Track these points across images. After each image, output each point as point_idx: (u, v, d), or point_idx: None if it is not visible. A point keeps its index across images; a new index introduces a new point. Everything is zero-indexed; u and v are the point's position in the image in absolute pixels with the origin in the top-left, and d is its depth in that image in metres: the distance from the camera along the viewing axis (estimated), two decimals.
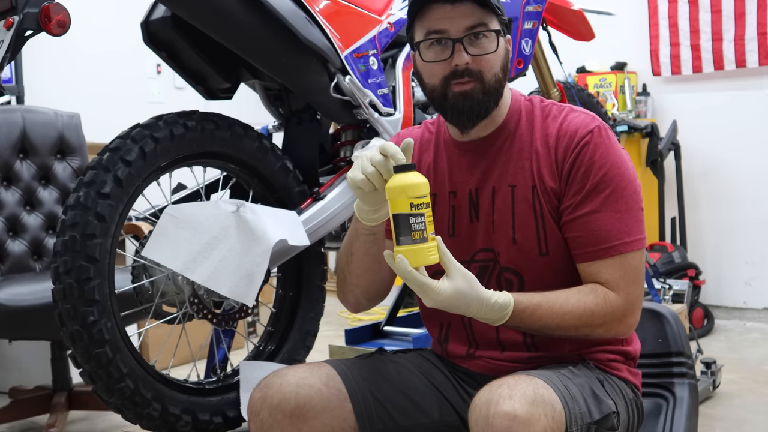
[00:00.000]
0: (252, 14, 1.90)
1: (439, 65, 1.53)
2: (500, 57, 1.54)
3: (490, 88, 1.52)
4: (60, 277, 1.70)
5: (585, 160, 1.51)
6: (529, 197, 1.54)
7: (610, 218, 1.49)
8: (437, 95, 1.56)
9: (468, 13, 1.50)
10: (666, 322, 1.85)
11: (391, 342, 2.61)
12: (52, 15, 1.79)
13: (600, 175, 1.50)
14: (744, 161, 4.41)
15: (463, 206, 1.60)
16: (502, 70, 1.54)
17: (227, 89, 2.19)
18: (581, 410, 1.41)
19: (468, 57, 1.50)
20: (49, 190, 3.08)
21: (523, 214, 1.54)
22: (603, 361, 1.58)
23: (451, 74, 1.52)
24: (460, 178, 1.61)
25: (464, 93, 1.51)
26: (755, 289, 4.43)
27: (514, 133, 1.58)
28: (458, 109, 1.53)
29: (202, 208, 1.87)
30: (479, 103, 1.52)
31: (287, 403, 1.48)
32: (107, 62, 4.41)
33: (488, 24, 1.52)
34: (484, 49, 1.51)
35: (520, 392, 1.33)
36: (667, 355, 1.83)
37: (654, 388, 1.80)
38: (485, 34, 1.51)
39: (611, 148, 1.53)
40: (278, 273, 2.15)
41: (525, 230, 1.54)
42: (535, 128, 1.57)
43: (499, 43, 1.53)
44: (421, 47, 1.55)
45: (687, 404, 1.76)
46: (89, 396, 2.78)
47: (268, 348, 2.12)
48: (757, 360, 3.64)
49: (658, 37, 4.59)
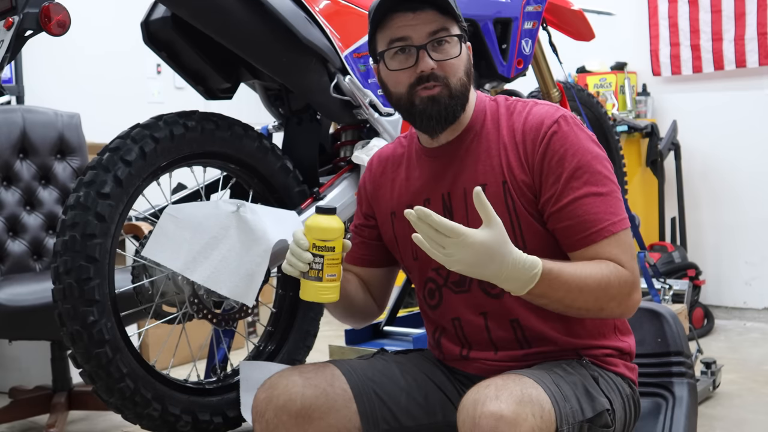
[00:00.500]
0: (252, 14, 1.90)
1: (405, 73, 1.54)
2: (463, 61, 1.56)
3: (456, 92, 1.54)
4: (60, 277, 1.71)
5: (556, 149, 1.51)
6: (500, 193, 1.54)
7: (594, 202, 1.48)
8: (404, 103, 1.57)
9: (430, 20, 1.52)
10: (665, 322, 1.85)
11: (391, 342, 2.61)
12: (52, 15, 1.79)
13: (575, 162, 1.50)
14: (744, 161, 4.41)
15: (438, 212, 1.55)
16: (466, 74, 1.56)
17: (227, 89, 2.19)
18: (573, 408, 1.40)
19: (433, 62, 1.52)
20: (49, 190, 3.08)
21: (497, 211, 1.52)
22: (598, 357, 1.58)
23: (416, 80, 1.53)
24: (432, 184, 1.62)
25: (431, 98, 1.53)
26: (755, 289, 4.43)
27: (480, 132, 1.59)
28: (427, 113, 1.54)
29: (202, 208, 1.87)
30: (446, 107, 1.54)
31: (293, 403, 1.48)
32: (107, 62, 4.41)
33: (450, 29, 1.54)
34: (447, 54, 1.53)
35: (507, 392, 1.33)
36: (666, 355, 1.83)
37: (653, 388, 1.80)
38: (447, 39, 1.53)
39: (580, 133, 1.53)
40: (278, 273, 2.15)
41: None
42: (501, 125, 1.58)
43: (461, 48, 1.55)
44: (385, 57, 1.56)
45: (686, 403, 1.77)
46: (89, 396, 2.78)
47: (268, 348, 2.12)
48: (757, 360, 3.63)
49: (658, 37, 4.58)
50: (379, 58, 1.58)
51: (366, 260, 1.77)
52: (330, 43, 2.05)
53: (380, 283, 1.78)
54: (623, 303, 1.49)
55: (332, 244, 1.48)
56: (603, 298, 1.46)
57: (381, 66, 1.59)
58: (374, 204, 1.74)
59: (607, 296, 1.46)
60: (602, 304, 1.47)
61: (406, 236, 1.64)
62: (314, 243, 1.49)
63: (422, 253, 1.60)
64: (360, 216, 1.78)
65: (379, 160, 1.76)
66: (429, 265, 1.62)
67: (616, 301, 1.47)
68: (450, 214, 1.59)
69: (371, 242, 1.76)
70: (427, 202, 1.62)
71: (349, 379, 1.54)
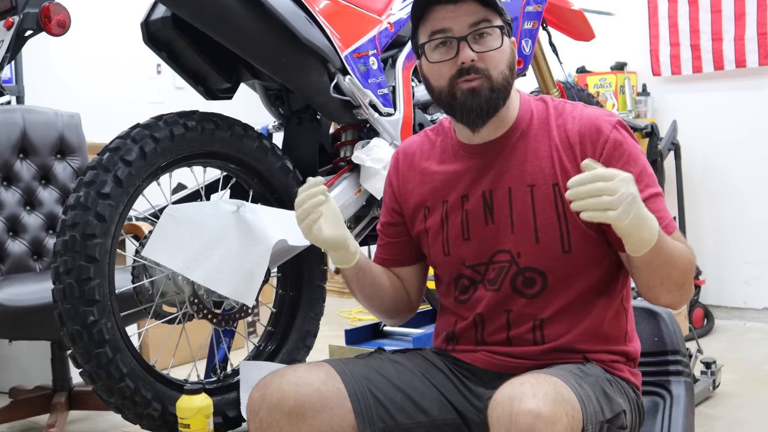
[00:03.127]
0: (252, 14, 1.90)
1: (446, 65, 1.53)
2: (506, 54, 1.54)
3: (498, 85, 1.52)
4: (60, 277, 1.71)
5: (620, 154, 1.51)
6: (550, 196, 1.53)
7: (658, 202, 1.50)
8: (445, 96, 1.55)
9: (471, 11, 1.51)
10: (662, 321, 1.86)
11: (391, 342, 2.62)
12: (52, 15, 1.79)
13: (638, 167, 1.50)
14: (744, 161, 4.41)
15: (477, 209, 1.59)
16: (508, 68, 1.54)
17: (227, 89, 2.19)
18: (595, 409, 1.41)
19: (473, 54, 1.50)
20: (49, 190, 3.07)
21: (545, 213, 1.54)
22: (605, 362, 1.58)
23: (457, 73, 1.52)
24: (472, 181, 1.60)
25: (472, 90, 1.51)
26: (755, 289, 4.43)
27: (527, 132, 1.58)
28: (467, 106, 1.52)
29: (202, 208, 1.87)
30: (488, 100, 1.52)
31: (286, 401, 1.48)
32: (107, 62, 4.41)
33: (492, 21, 1.52)
34: (488, 45, 1.52)
35: (543, 391, 1.32)
36: (663, 354, 1.84)
37: (651, 387, 1.80)
38: (489, 31, 1.52)
39: (632, 140, 1.54)
40: (278, 273, 2.15)
41: (547, 229, 1.54)
42: (551, 126, 1.57)
43: (503, 40, 1.53)
44: (426, 49, 1.55)
45: (684, 402, 1.78)
46: (89, 396, 2.77)
47: (268, 348, 2.12)
48: (757, 360, 3.63)
49: (658, 37, 4.58)
50: (420, 52, 1.57)
51: (395, 260, 1.75)
52: (330, 43, 2.05)
53: (414, 279, 1.76)
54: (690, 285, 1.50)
55: (187, 422, 1.58)
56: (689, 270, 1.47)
57: (423, 60, 1.57)
58: (401, 199, 1.71)
59: (690, 270, 1.47)
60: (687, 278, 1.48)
61: (438, 231, 1.64)
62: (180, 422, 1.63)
63: (454, 248, 1.63)
64: (385, 213, 1.76)
65: (405, 154, 1.73)
66: (463, 262, 1.62)
67: (689, 281, 1.49)
68: (491, 212, 1.58)
69: (398, 240, 1.74)
70: (464, 198, 1.61)
71: (343, 377, 1.54)
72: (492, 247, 1.58)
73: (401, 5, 2.33)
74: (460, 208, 1.61)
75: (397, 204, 1.73)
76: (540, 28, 2.69)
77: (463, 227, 1.61)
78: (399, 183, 1.72)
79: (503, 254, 1.57)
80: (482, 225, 1.59)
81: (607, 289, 1.59)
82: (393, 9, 2.32)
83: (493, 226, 1.58)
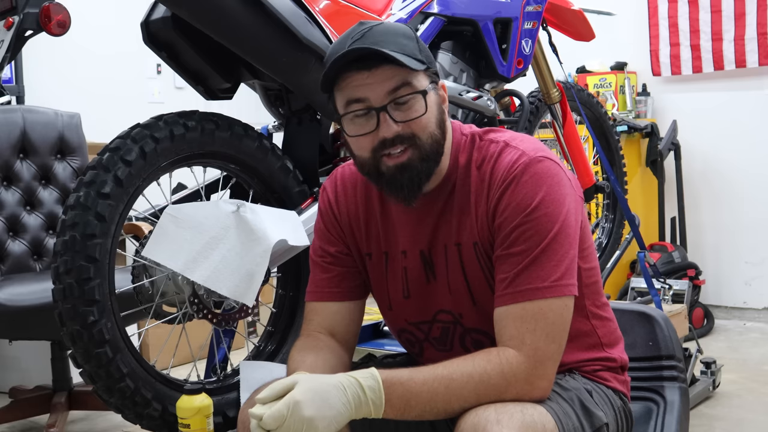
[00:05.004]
0: (252, 14, 1.90)
1: (367, 138, 1.39)
2: (433, 114, 1.40)
3: (428, 151, 1.39)
4: (60, 277, 1.71)
5: (507, 202, 1.38)
6: (473, 255, 1.43)
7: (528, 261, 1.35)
8: (369, 169, 1.42)
9: (388, 77, 1.36)
10: (656, 325, 1.79)
11: (390, 342, 2.62)
12: (52, 15, 1.80)
13: (520, 217, 1.36)
14: (744, 161, 4.41)
15: (417, 267, 1.49)
16: (438, 126, 1.41)
17: (227, 89, 2.19)
18: (574, 425, 1.37)
19: (396, 126, 1.37)
20: (49, 190, 3.08)
21: (474, 274, 1.44)
22: (589, 372, 1.52)
23: (380, 145, 1.38)
24: (409, 237, 1.50)
25: (399, 165, 1.38)
26: (755, 289, 4.43)
27: (454, 187, 1.46)
28: (397, 183, 1.40)
29: (202, 208, 1.87)
30: (419, 172, 1.39)
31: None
32: (107, 62, 4.41)
33: (412, 83, 1.37)
34: (412, 112, 1.37)
35: (507, 415, 1.26)
36: (658, 359, 1.77)
37: (644, 392, 1.75)
38: (409, 97, 1.37)
39: (538, 184, 1.37)
40: (278, 273, 2.15)
41: (480, 289, 1.45)
42: (472, 176, 1.44)
43: (427, 103, 1.39)
44: (344, 121, 1.41)
45: (678, 408, 1.71)
46: (89, 396, 2.78)
47: (268, 348, 2.12)
48: (757, 360, 3.63)
49: (658, 37, 4.58)
50: (338, 121, 1.44)
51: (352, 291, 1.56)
52: (330, 43, 2.05)
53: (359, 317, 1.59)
54: (522, 390, 1.32)
55: (187, 422, 1.55)
56: (482, 391, 1.30)
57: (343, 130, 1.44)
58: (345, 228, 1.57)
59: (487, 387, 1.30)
60: (491, 395, 1.30)
61: (380, 282, 1.55)
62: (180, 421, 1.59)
63: (397, 304, 1.53)
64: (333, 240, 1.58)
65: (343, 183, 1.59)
66: (404, 318, 1.55)
67: (510, 391, 1.31)
68: (432, 269, 1.48)
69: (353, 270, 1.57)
70: (403, 255, 1.50)
71: None
72: (434, 306, 1.50)
73: (401, 5, 2.34)
74: (401, 264, 1.51)
75: (343, 234, 1.58)
76: (540, 28, 2.69)
77: (404, 285, 1.52)
78: (341, 212, 1.58)
79: (445, 314, 1.49)
80: (423, 283, 1.50)
81: None
82: (393, 9, 2.32)
83: (435, 283, 1.48)
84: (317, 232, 1.61)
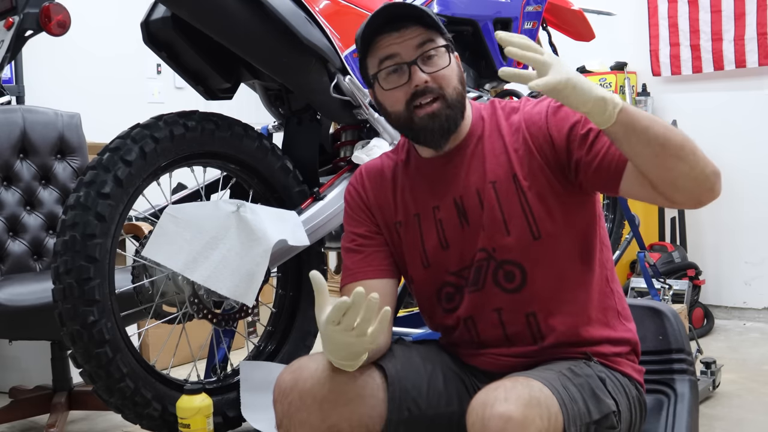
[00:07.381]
0: (252, 14, 1.90)
1: (400, 90, 1.56)
2: (455, 71, 1.58)
3: (453, 101, 1.56)
4: (60, 277, 1.71)
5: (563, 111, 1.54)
6: (512, 188, 1.56)
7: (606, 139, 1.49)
8: (404, 121, 1.58)
9: (415, 35, 1.55)
10: (666, 320, 1.86)
11: None
12: (52, 15, 1.80)
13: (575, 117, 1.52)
14: (744, 161, 4.41)
15: (451, 216, 1.61)
16: (460, 82, 1.59)
17: (227, 89, 2.19)
18: (580, 411, 1.41)
19: (425, 76, 1.54)
20: (49, 190, 3.07)
21: (509, 204, 1.56)
22: (607, 356, 1.58)
23: (412, 96, 1.55)
24: (440, 192, 1.63)
25: (430, 114, 1.55)
26: (755, 289, 4.43)
27: (482, 136, 1.62)
28: (429, 130, 1.56)
29: (202, 208, 1.87)
30: (447, 119, 1.56)
31: (320, 388, 1.47)
32: (107, 62, 4.40)
33: (435, 41, 1.56)
34: (437, 65, 1.56)
35: (516, 394, 1.33)
36: (668, 352, 1.84)
37: (655, 385, 1.81)
38: (435, 51, 1.56)
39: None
40: (278, 273, 2.16)
41: (514, 219, 1.56)
42: (501, 125, 1.61)
43: (450, 57, 1.58)
44: (378, 78, 1.58)
45: (688, 400, 1.78)
46: (89, 396, 2.77)
47: (268, 348, 2.13)
48: (757, 360, 3.63)
49: (658, 37, 4.58)
50: (372, 81, 1.60)
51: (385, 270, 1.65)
52: (330, 43, 2.05)
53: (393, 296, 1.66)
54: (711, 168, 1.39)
55: (188, 422, 1.58)
56: (690, 149, 1.37)
57: (376, 88, 1.60)
58: (375, 211, 1.68)
59: (694, 150, 1.37)
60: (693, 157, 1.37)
61: (414, 244, 1.64)
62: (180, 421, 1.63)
63: (435, 258, 1.63)
64: (359, 224, 1.68)
65: (368, 171, 1.72)
66: (445, 269, 1.62)
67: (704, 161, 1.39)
68: (465, 217, 1.60)
69: (384, 250, 1.66)
70: (436, 209, 1.62)
71: (386, 366, 1.54)
72: (471, 249, 1.60)
73: None
74: (433, 219, 1.63)
75: (371, 215, 1.69)
76: (540, 28, 2.69)
77: (440, 237, 1.62)
78: (368, 196, 1.69)
79: (481, 253, 1.59)
80: (459, 230, 1.60)
81: (585, 270, 1.60)
82: None
83: (469, 229, 1.59)
84: (346, 222, 1.72)
